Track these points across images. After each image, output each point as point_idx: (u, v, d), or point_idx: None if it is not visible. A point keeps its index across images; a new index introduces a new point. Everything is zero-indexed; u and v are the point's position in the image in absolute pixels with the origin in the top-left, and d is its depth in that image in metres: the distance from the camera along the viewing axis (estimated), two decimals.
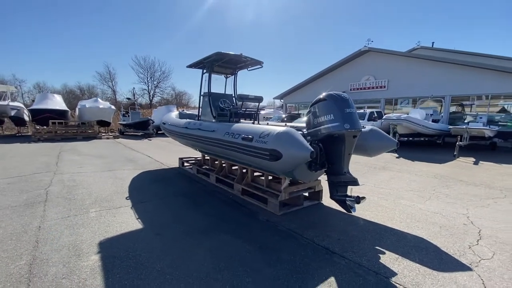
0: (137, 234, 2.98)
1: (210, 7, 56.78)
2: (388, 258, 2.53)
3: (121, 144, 12.15)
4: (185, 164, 6.67)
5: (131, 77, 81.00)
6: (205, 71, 5.51)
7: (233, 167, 5.07)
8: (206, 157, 6.02)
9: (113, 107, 17.34)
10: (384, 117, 10.69)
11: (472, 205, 4.09)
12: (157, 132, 17.10)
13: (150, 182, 5.36)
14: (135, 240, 2.82)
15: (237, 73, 5.89)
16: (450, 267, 2.38)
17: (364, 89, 17.27)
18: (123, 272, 2.23)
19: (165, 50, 60.89)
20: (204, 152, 5.90)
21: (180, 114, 6.80)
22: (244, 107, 5.09)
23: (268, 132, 3.11)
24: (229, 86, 6.07)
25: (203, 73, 5.55)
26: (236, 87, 5.91)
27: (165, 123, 6.45)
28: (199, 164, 6.12)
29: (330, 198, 3.27)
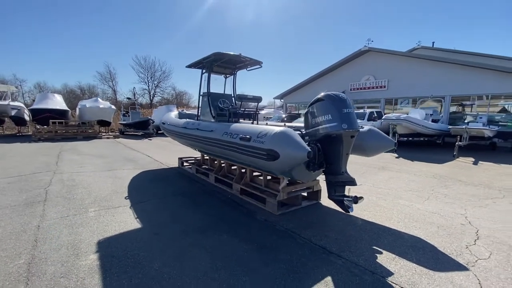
0: (136, 234, 2.99)
1: (210, 7, 56.88)
2: (385, 257, 2.54)
3: (121, 144, 12.17)
4: (184, 164, 6.69)
5: (131, 77, 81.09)
6: (204, 71, 5.53)
7: (232, 167, 5.08)
8: (206, 157, 6.04)
9: (113, 107, 17.38)
10: (384, 117, 10.68)
11: (470, 205, 4.10)
12: (157, 132, 17.13)
13: (150, 181, 5.37)
14: (133, 240, 2.83)
15: (236, 73, 5.90)
16: (447, 267, 2.38)
17: (364, 89, 17.27)
18: (121, 271, 2.25)
19: (165, 50, 61.06)
20: (203, 152, 5.92)
21: (179, 114, 6.81)
22: (243, 107, 5.10)
23: (266, 132, 3.12)
24: (229, 86, 6.09)
25: (202, 73, 5.57)
26: (235, 87, 5.93)
27: (165, 123, 6.47)
28: (199, 164, 6.14)
29: (328, 198, 3.28)
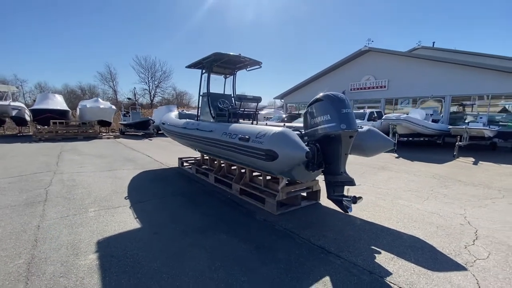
0: (135, 234, 3.00)
1: (210, 7, 56.92)
2: (384, 257, 2.54)
3: (122, 144, 12.19)
4: (184, 164, 6.70)
5: (132, 77, 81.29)
6: (204, 71, 5.54)
7: (232, 167, 5.09)
8: (205, 157, 6.05)
9: (113, 107, 17.40)
10: (384, 117, 10.68)
11: (469, 205, 4.10)
12: (158, 132, 17.15)
13: (150, 181, 5.39)
14: (132, 240, 2.84)
15: (236, 73, 5.91)
16: (445, 267, 2.39)
17: (364, 89, 17.26)
18: (120, 271, 2.26)
19: (166, 50, 61.05)
20: (203, 152, 5.93)
21: (179, 114, 6.83)
22: (243, 108, 5.11)
23: (265, 133, 3.13)
24: (229, 86, 6.10)
25: (202, 74, 5.58)
26: (235, 87, 5.94)
27: (165, 123, 6.48)
28: (198, 164, 6.15)
29: (327, 198, 3.29)
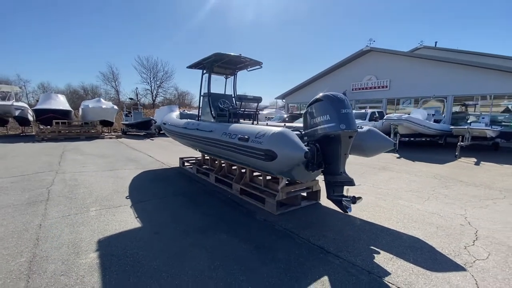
0: (136, 233, 3.02)
1: (212, 7, 57.07)
2: (383, 258, 2.54)
3: (123, 144, 12.25)
4: (185, 164, 6.73)
5: (134, 77, 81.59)
6: (205, 71, 5.56)
7: (233, 167, 5.10)
8: (206, 157, 6.07)
9: (115, 107, 17.48)
10: (385, 117, 10.66)
11: (470, 205, 4.08)
12: (159, 132, 17.20)
13: (151, 181, 5.41)
14: (133, 239, 2.86)
15: (236, 73, 5.92)
16: (444, 267, 2.39)
17: (366, 89, 17.22)
18: (120, 269, 2.28)
19: (168, 50, 61.37)
20: (204, 152, 5.95)
21: (180, 114, 6.86)
22: (244, 108, 5.13)
23: (264, 133, 3.14)
24: (229, 86, 6.12)
25: (203, 74, 5.60)
26: (235, 88, 5.95)
27: (166, 123, 6.51)
28: (199, 164, 6.17)
29: (327, 198, 3.30)
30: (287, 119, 15.25)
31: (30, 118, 15.82)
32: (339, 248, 2.71)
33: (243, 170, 4.56)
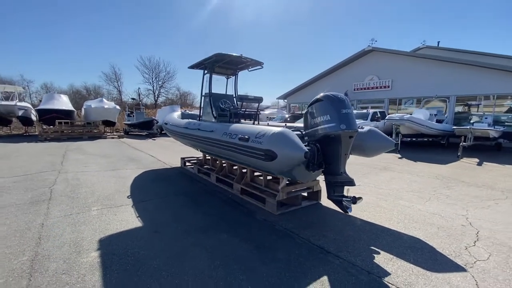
0: (137, 232, 3.04)
1: (213, 7, 57.18)
2: (383, 258, 2.54)
3: (126, 144, 12.31)
4: (186, 163, 6.75)
5: (136, 77, 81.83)
6: (206, 72, 5.57)
7: (234, 167, 5.12)
8: (207, 157, 6.08)
9: (118, 107, 17.55)
10: (387, 117, 10.62)
11: (472, 206, 4.07)
12: (161, 132, 17.26)
13: (152, 181, 5.44)
14: (134, 238, 2.88)
15: (237, 73, 5.94)
16: (445, 268, 2.38)
17: (368, 89, 17.17)
18: (121, 268, 2.30)
19: (170, 51, 61.53)
20: (205, 152, 5.97)
21: (182, 114, 6.88)
22: (245, 108, 5.14)
23: (264, 133, 3.15)
24: (231, 86, 6.13)
25: (204, 74, 5.62)
26: (237, 88, 5.97)
27: (167, 123, 6.54)
28: (200, 164, 6.19)
29: (327, 198, 3.30)
30: (288, 119, 15.24)
31: (33, 118, 15.93)
32: (339, 248, 2.71)
33: (244, 170, 4.57)
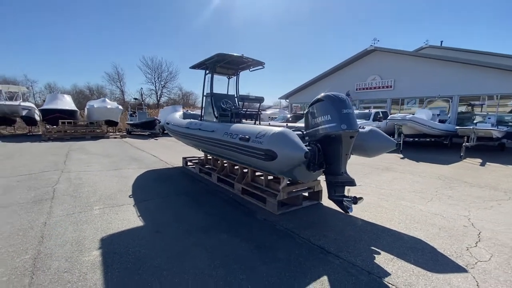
0: (138, 231, 3.06)
1: (216, 7, 57.28)
2: (383, 258, 2.54)
3: (128, 144, 12.37)
4: (188, 163, 6.77)
5: (139, 77, 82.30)
6: (207, 72, 5.59)
7: (235, 167, 5.13)
8: (209, 157, 6.10)
9: (120, 107, 17.66)
10: (389, 117, 10.57)
11: (474, 207, 4.04)
12: (164, 132, 17.32)
13: (154, 181, 5.47)
14: (135, 237, 2.90)
15: (239, 73, 5.95)
16: (445, 269, 2.37)
17: (370, 89, 17.11)
18: (122, 267, 2.32)
19: (172, 51, 61.70)
20: (206, 152, 5.98)
21: (184, 114, 6.90)
22: (246, 108, 5.14)
23: (264, 133, 3.15)
24: (232, 86, 6.14)
25: (205, 74, 5.63)
26: (238, 88, 5.97)
27: (169, 123, 6.56)
28: (202, 164, 6.21)
29: (328, 198, 3.29)
30: (290, 119, 15.21)
31: (37, 118, 16.08)
32: (340, 248, 2.71)
33: (245, 170, 4.58)
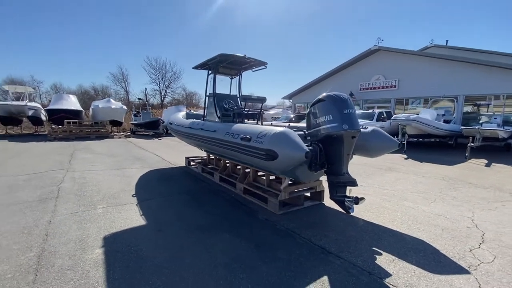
0: (140, 230, 3.09)
1: (219, 6, 57.44)
2: (384, 259, 2.53)
3: (132, 143, 12.48)
4: (191, 163, 6.81)
5: (143, 77, 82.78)
6: (210, 72, 5.61)
7: (237, 167, 5.14)
8: (211, 156, 6.13)
9: (124, 107, 17.82)
10: (393, 117, 10.50)
11: (478, 208, 4.00)
12: (167, 132, 17.43)
13: (157, 180, 5.51)
14: (137, 236, 2.93)
15: (241, 74, 5.96)
16: (447, 270, 2.35)
17: (374, 88, 16.99)
18: (124, 265, 2.34)
19: (176, 51, 62.05)
20: (209, 152, 6.01)
21: (187, 115, 6.95)
22: (249, 108, 5.15)
23: (265, 133, 3.16)
24: (235, 86, 6.15)
25: (208, 74, 5.66)
26: (240, 88, 5.99)
27: (172, 123, 6.60)
28: (204, 164, 6.24)
29: (330, 199, 3.29)
30: (293, 119, 15.20)
31: (43, 117, 16.30)
32: (341, 249, 2.70)
33: (247, 170, 4.59)
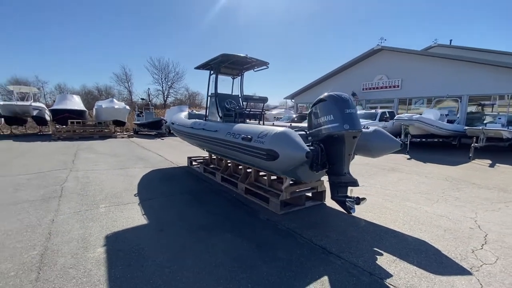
0: (142, 230, 3.11)
1: (222, 6, 57.56)
2: (386, 259, 2.52)
3: (135, 143, 12.55)
4: (193, 163, 6.83)
5: (146, 78, 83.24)
6: (212, 72, 5.63)
7: (239, 167, 5.15)
8: (213, 156, 6.14)
9: (128, 107, 17.93)
10: (396, 117, 10.45)
11: (481, 208, 3.96)
12: (170, 132, 17.47)
13: (159, 180, 5.53)
14: (139, 235, 2.95)
15: (243, 74, 5.97)
16: (449, 271, 2.34)
17: (377, 88, 16.92)
18: (125, 264, 2.36)
19: (178, 52, 62.23)
20: (210, 152, 6.03)
21: (189, 115, 6.97)
22: (250, 108, 5.16)
23: (266, 132, 3.16)
24: (237, 86, 6.16)
25: (210, 75, 5.67)
26: (242, 88, 6.00)
27: (174, 123, 6.63)
28: (206, 163, 6.25)
29: (331, 199, 3.28)
30: (295, 119, 15.18)
31: (47, 117, 16.44)
32: (342, 249, 2.70)
33: (249, 170, 4.59)
